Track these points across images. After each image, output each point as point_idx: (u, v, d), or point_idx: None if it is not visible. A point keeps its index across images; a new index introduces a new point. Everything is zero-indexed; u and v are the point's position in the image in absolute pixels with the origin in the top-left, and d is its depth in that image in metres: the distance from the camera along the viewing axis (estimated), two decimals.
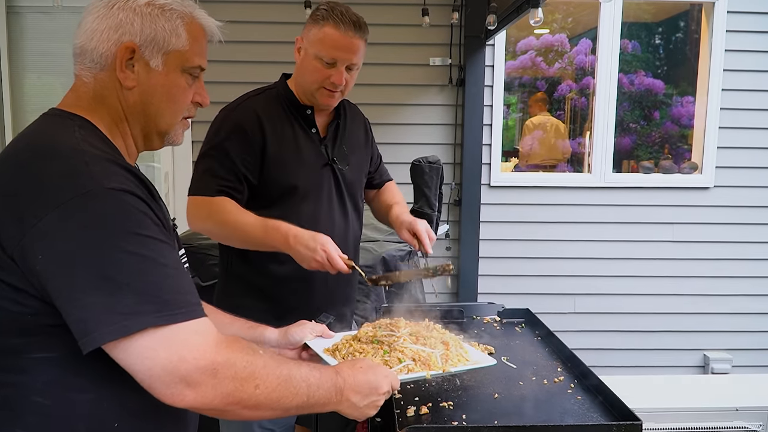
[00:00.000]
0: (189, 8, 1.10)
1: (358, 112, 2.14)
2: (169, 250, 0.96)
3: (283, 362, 1.03)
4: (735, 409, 2.17)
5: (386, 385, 1.18)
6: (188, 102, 1.13)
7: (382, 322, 1.54)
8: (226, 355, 0.93)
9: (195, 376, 0.90)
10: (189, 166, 3.97)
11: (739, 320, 4.20)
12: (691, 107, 4.34)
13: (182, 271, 0.97)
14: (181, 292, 0.93)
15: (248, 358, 0.96)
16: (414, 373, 1.32)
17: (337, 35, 1.80)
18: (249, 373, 0.95)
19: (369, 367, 1.18)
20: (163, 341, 0.89)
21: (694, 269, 4.18)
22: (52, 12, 3.96)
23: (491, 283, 4.09)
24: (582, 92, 4.51)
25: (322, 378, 1.07)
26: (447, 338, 1.47)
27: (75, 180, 0.91)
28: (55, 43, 4.02)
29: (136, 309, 0.88)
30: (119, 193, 0.92)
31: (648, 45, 4.70)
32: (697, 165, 4.20)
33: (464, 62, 3.96)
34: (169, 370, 0.89)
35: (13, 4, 3.93)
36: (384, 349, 1.38)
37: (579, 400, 1.46)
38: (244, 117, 1.84)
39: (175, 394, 0.90)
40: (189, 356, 0.90)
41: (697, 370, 4.24)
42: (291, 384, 1.00)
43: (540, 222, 4.13)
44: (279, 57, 3.92)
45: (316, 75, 1.83)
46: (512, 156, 4.68)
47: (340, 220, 1.97)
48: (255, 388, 0.95)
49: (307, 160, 1.89)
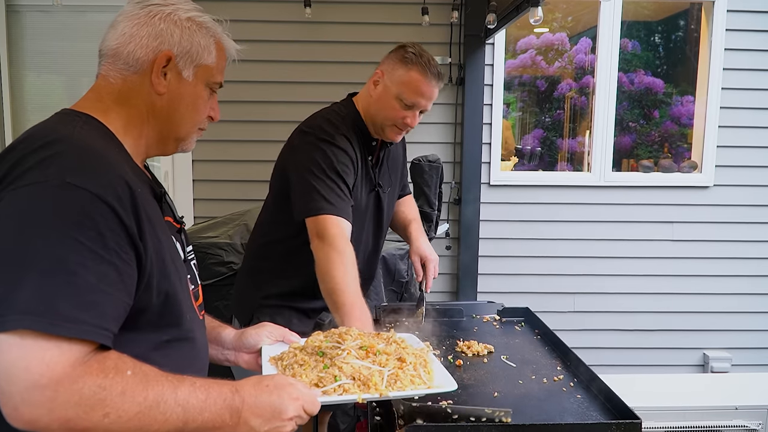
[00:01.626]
0: (218, 29, 1.18)
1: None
2: (101, 264, 0.90)
3: (155, 384, 0.92)
4: (734, 407, 2.18)
5: (294, 409, 1.04)
6: (206, 114, 1.20)
7: (335, 331, 1.36)
8: (76, 378, 0.86)
9: (32, 392, 0.84)
10: (189, 165, 3.98)
11: (738, 319, 4.20)
12: (690, 106, 4.34)
13: (101, 290, 0.90)
14: (82, 308, 0.87)
15: (104, 382, 0.87)
16: (344, 395, 1.15)
17: (423, 82, 1.87)
18: (98, 400, 0.86)
19: (276, 386, 1.05)
20: (23, 345, 0.84)
21: (694, 268, 4.18)
22: (51, 11, 3.96)
23: (491, 282, 4.09)
24: (582, 91, 4.51)
25: (209, 399, 0.96)
26: (407, 354, 1.28)
27: (42, 169, 0.93)
28: (54, 42, 4.02)
29: (23, 308, 0.84)
30: (78, 190, 0.91)
31: (648, 44, 4.69)
32: (696, 164, 4.20)
33: (464, 61, 3.96)
34: (8, 377, 0.84)
35: (12, 3, 3.93)
36: (325, 363, 1.22)
37: (578, 399, 1.46)
38: (347, 146, 1.88)
39: (9, 407, 0.84)
40: (34, 369, 0.84)
41: (697, 369, 4.25)
42: (158, 410, 0.91)
43: (540, 221, 4.13)
44: (279, 57, 3.93)
45: (392, 113, 1.90)
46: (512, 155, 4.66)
47: (374, 240, 2.07)
48: (103, 417, 0.87)
49: (364, 187, 1.97)
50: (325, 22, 3.93)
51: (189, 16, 1.13)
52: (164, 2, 1.13)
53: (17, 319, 0.84)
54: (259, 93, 3.92)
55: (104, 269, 0.91)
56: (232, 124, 3.86)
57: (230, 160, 3.98)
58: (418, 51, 1.90)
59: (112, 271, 0.92)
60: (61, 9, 3.91)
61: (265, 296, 2.00)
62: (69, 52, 4.02)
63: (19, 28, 3.98)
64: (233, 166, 3.98)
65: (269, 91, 3.94)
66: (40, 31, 4.01)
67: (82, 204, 0.91)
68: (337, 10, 3.93)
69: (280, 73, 3.96)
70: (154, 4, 1.12)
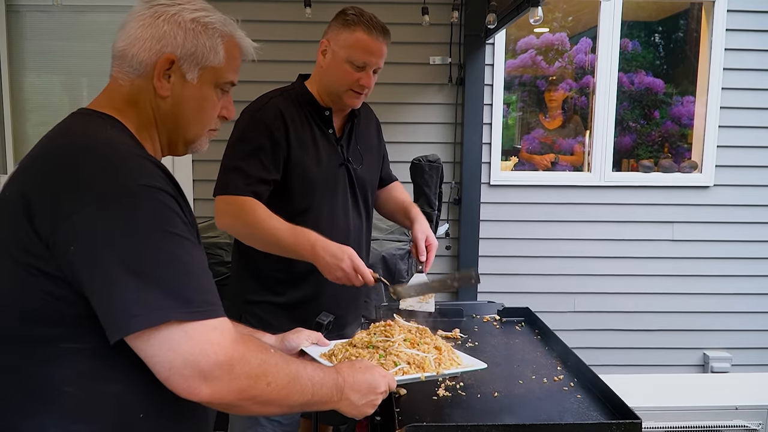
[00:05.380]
0: (230, 27, 1.16)
1: (371, 112, 2.19)
2: (195, 248, 0.99)
3: (291, 361, 1.07)
4: (734, 407, 2.17)
5: (384, 384, 1.22)
6: (216, 115, 1.20)
7: (376, 327, 1.58)
8: (242, 352, 0.96)
9: (213, 370, 0.92)
10: (189, 165, 3.98)
11: (738, 319, 4.20)
12: (691, 106, 4.34)
13: (206, 271, 1.00)
14: (203, 291, 0.96)
15: (262, 356, 0.99)
16: (409, 374, 1.36)
17: (368, 40, 1.89)
18: (262, 370, 0.98)
19: (367, 367, 1.22)
20: (185, 335, 0.92)
21: (694, 268, 4.18)
22: (51, 11, 3.95)
23: (491, 282, 4.09)
24: (582, 91, 4.51)
25: (325, 377, 1.10)
26: (439, 344, 1.51)
27: (111, 175, 0.95)
28: (55, 42, 4.01)
29: (161, 303, 0.91)
30: (152, 189, 0.96)
31: (648, 44, 4.70)
32: (696, 164, 4.19)
33: (464, 61, 3.96)
34: (189, 363, 0.91)
35: (12, 3, 3.93)
36: (380, 353, 1.43)
37: (579, 399, 1.46)
38: (271, 117, 1.90)
39: (192, 387, 0.92)
40: (210, 350, 0.92)
41: (697, 369, 4.25)
42: (298, 382, 1.04)
43: (540, 221, 4.13)
44: (279, 57, 3.93)
45: (345, 78, 1.90)
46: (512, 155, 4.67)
47: (355, 219, 2.03)
48: (267, 385, 0.98)
49: (325, 160, 1.94)
50: (326, 22, 3.90)
51: (194, 17, 1.11)
52: (171, 2, 1.11)
53: (159, 314, 0.90)
54: (259, 93, 3.91)
55: (198, 253, 1.00)
56: (232, 124, 3.86)
57: None
58: (358, 11, 1.93)
59: (201, 253, 1.02)
60: (61, 9, 3.91)
61: (247, 288, 1.98)
62: (69, 52, 4.01)
63: (19, 28, 3.98)
64: None
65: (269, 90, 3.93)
66: (40, 31, 4.00)
67: (161, 200, 0.96)
68: (336, 10, 3.92)
69: (280, 73, 3.93)
70: (161, 4, 1.11)
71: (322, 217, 1.92)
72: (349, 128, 2.04)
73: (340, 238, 1.82)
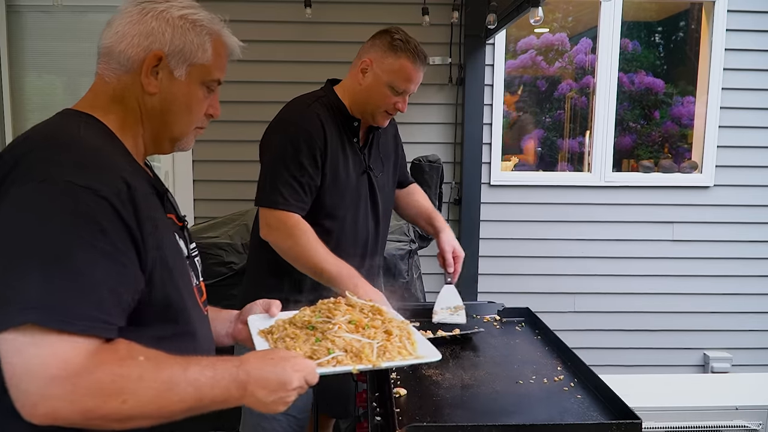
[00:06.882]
0: (217, 26, 1.15)
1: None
2: (110, 261, 0.92)
3: (166, 367, 0.95)
4: (735, 407, 2.17)
5: (297, 380, 1.07)
6: (203, 113, 1.18)
7: (324, 304, 1.40)
8: (93, 370, 0.88)
9: (50, 386, 0.85)
10: (189, 165, 3.98)
11: (738, 319, 4.20)
12: (691, 107, 4.34)
13: (111, 288, 0.93)
14: (91, 305, 0.90)
15: (120, 370, 0.90)
16: (339, 366, 1.20)
17: (412, 69, 1.92)
18: (117, 387, 0.89)
19: (280, 359, 1.08)
20: (32, 342, 0.85)
21: (694, 268, 4.18)
22: (52, 11, 3.96)
23: (491, 282, 4.09)
24: (582, 91, 4.51)
25: (217, 375, 0.99)
26: (392, 327, 1.33)
27: (44, 167, 0.93)
28: (55, 42, 4.01)
29: (33, 305, 0.86)
30: (80, 189, 0.92)
31: (648, 44, 4.69)
32: (697, 164, 4.19)
33: (464, 61, 3.96)
34: (27, 373, 0.85)
35: (12, 3, 3.93)
36: (316, 337, 1.27)
37: (579, 399, 1.46)
38: (312, 125, 1.91)
39: (29, 403, 0.85)
40: (51, 363, 0.85)
41: (697, 369, 4.24)
42: (174, 391, 0.94)
43: (540, 221, 4.13)
44: (279, 57, 3.93)
45: (383, 100, 1.94)
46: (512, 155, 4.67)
47: (373, 225, 2.07)
48: (122, 402, 0.89)
49: (351, 167, 1.98)
50: (325, 22, 3.93)
51: (182, 14, 1.11)
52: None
53: (24, 315, 0.85)
54: (260, 93, 3.92)
55: (108, 265, 0.93)
56: (233, 125, 3.85)
57: (230, 161, 3.98)
58: (404, 37, 1.92)
59: (115, 266, 0.94)
60: (62, 9, 3.91)
61: (262, 290, 2.00)
62: (69, 52, 4.01)
63: (19, 28, 3.98)
64: (233, 166, 3.97)
65: (270, 91, 3.93)
66: (40, 31, 4.00)
67: (85, 202, 0.92)
68: (337, 10, 3.93)
69: (280, 74, 3.95)
70: (148, 1, 1.10)
71: (347, 222, 1.97)
72: (371, 137, 2.08)
73: (360, 244, 1.92)
